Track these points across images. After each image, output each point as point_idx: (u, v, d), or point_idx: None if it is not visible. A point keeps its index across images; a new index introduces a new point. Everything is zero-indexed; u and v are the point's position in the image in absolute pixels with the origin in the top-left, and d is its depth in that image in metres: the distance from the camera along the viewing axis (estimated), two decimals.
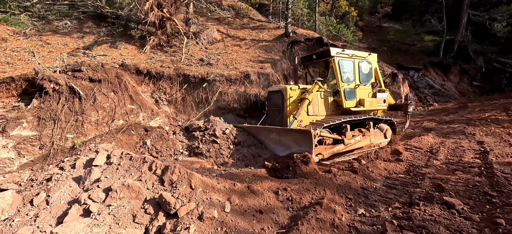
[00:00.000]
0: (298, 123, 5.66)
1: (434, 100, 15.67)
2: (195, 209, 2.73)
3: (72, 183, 3.44)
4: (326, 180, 3.97)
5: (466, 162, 5.11)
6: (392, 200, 3.60)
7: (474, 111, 11.46)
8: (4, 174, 4.61)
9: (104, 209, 2.81)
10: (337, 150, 5.45)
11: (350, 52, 6.62)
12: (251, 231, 2.58)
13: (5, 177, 4.60)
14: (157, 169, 3.42)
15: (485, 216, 2.92)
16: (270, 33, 13.74)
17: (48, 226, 2.76)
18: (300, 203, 3.34)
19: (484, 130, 7.84)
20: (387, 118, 7.00)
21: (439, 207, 3.12)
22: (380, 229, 2.70)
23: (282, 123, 5.94)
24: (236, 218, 2.72)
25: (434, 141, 7.03)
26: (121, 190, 3.02)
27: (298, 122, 5.60)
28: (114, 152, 3.96)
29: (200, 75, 8.10)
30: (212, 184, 3.23)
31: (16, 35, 8.27)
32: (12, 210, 3.11)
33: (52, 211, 2.97)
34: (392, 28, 25.30)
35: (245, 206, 2.97)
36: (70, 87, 5.30)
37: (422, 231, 2.61)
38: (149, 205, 2.87)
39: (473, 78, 16.90)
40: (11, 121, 4.61)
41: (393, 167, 5.03)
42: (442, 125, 9.48)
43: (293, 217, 2.93)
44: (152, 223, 2.63)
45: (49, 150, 4.86)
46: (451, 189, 3.74)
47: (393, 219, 2.91)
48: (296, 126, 5.51)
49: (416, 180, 4.27)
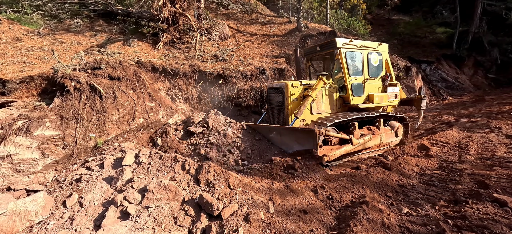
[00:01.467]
0: (301, 123, 5.22)
1: (448, 94, 15.30)
2: (239, 210, 2.60)
3: (104, 184, 3.34)
4: (362, 177, 3.81)
5: (501, 157, 4.89)
6: (435, 197, 3.43)
7: (493, 105, 11.13)
8: (29, 174, 4.55)
9: (143, 211, 2.70)
10: (344, 151, 4.98)
11: (358, 42, 6.03)
12: (300, 232, 2.45)
13: (30, 177, 4.55)
14: (190, 169, 3.30)
15: None
16: (281, 28, 13.50)
17: (86, 229, 2.67)
18: (340, 202, 3.19)
19: (508, 124, 7.56)
20: (399, 114, 6.44)
21: (492, 205, 2.94)
22: (436, 230, 2.54)
23: (283, 122, 5.48)
24: (282, 219, 2.59)
25: (460, 135, 6.80)
26: (158, 191, 2.91)
27: (300, 121, 5.17)
28: (142, 151, 3.86)
29: (215, 71, 7.95)
30: (250, 183, 3.10)
31: (29, 34, 8.21)
32: (45, 212, 3.03)
33: (87, 214, 2.87)
34: (401, 21, 24.74)
35: (288, 206, 2.83)
36: (91, 85, 5.21)
37: (483, 231, 2.44)
38: (188, 206, 2.75)
39: (488, 70, 16.44)
40: (34, 120, 4.54)
41: (424, 163, 4.84)
42: (462, 118, 9.21)
43: (339, 217, 2.79)
44: (195, 225, 2.51)
45: (72, 149, 4.79)
46: (496, 185, 3.56)
47: (446, 218, 2.75)
48: (298, 125, 5.08)
49: (453, 177, 4.09)
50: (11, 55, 6.97)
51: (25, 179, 4.51)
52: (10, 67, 6.29)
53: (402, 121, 6.56)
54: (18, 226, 2.89)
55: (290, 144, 4.77)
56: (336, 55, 5.86)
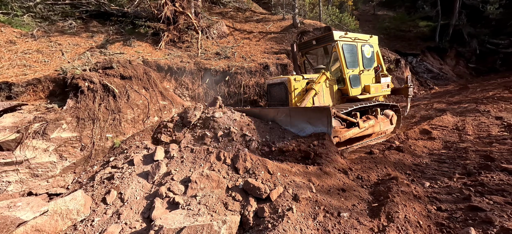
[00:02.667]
0: None
1: (434, 84, 16.21)
2: (285, 192, 2.76)
3: (140, 179, 3.37)
4: (381, 159, 4.09)
5: (496, 135, 5.38)
6: (449, 172, 3.76)
7: (477, 92, 11.97)
8: (47, 178, 4.45)
9: (191, 200, 2.79)
10: (353, 134, 5.13)
11: (352, 35, 6.27)
12: (345, 207, 2.65)
13: (49, 181, 4.46)
14: (226, 159, 3.41)
15: None
16: (276, 25, 13.71)
17: (135, 222, 2.72)
18: (369, 180, 3.43)
19: (495, 107, 8.23)
20: (393, 103, 6.81)
21: (502, 174, 3.30)
22: (462, 196, 2.84)
23: None
24: (325, 197, 2.77)
25: (454, 119, 7.32)
26: (201, 180, 3.01)
27: None
28: (172, 146, 3.91)
29: (221, 69, 8.01)
30: (286, 168, 3.27)
31: (23, 37, 7.86)
32: (86, 210, 3.02)
33: (133, 207, 2.92)
34: (386, 16, 25.81)
35: (326, 186, 3.03)
36: (104, 85, 5.13)
37: (503, 193, 2.76)
38: (235, 192, 2.87)
39: (469, 60, 17.57)
40: (50, 122, 4.43)
41: (430, 144, 5.22)
42: (452, 105, 9.86)
43: (374, 193, 3.02)
44: (247, 209, 2.64)
45: (90, 150, 4.72)
46: (500, 158, 3.95)
47: (467, 187, 3.06)
48: None
49: (460, 154, 4.47)
50: (8, 58, 6.68)
51: (44, 183, 4.41)
52: (10, 70, 6.04)
53: (395, 109, 6.85)
54: (61, 225, 2.88)
55: (301, 126, 4.67)
56: (333, 47, 5.99)
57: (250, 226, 2.50)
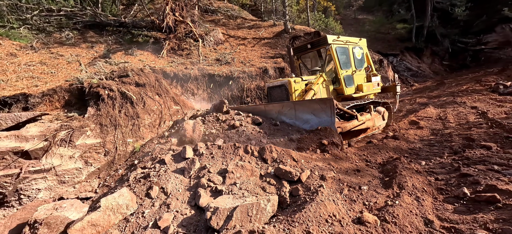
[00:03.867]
0: None
1: (414, 81, 17.59)
2: (313, 174, 3.24)
3: (177, 175, 3.71)
4: (382, 145, 4.71)
5: (473, 121, 6.23)
6: (439, 153, 4.44)
7: (452, 86, 13.25)
8: (74, 184, 4.63)
9: (232, 187, 3.19)
10: (352, 125, 5.41)
11: (344, 38, 6.74)
12: (363, 182, 3.18)
13: (76, 187, 4.64)
14: (254, 151, 3.84)
15: None
16: (268, 31, 14.35)
17: (185, 209, 3.08)
18: (376, 162, 4.01)
19: (470, 98, 9.30)
20: (385, 100, 7.33)
21: (482, 149, 4.01)
22: (453, 168, 3.47)
23: None
24: (345, 176, 3.29)
25: (436, 111, 8.23)
26: (236, 170, 3.42)
27: None
28: (199, 144, 4.27)
29: (224, 74, 8.42)
30: (307, 156, 3.76)
31: (23, 49, 7.85)
32: (134, 204, 3.32)
33: (179, 198, 3.26)
34: (366, 20, 27.50)
35: (343, 168, 3.55)
36: (122, 92, 5.38)
37: (484, 163, 3.43)
38: (269, 178, 3.31)
39: (443, 58, 19.23)
40: (76, 130, 4.62)
41: (420, 132, 5.96)
42: (432, 99, 10.92)
43: (383, 171, 3.59)
44: (282, 190, 3.09)
45: (113, 155, 4.94)
46: (479, 138, 4.70)
47: (455, 161, 3.71)
48: None
49: (446, 138, 5.20)
50: (12, 71, 6.71)
51: (71, 189, 4.58)
52: (20, 83, 6.11)
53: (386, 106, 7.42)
54: (113, 219, 3.15)
55: (306, 117, 5.00)
56: (327, 50, 6.52)
57: (288, 204, 2.94)
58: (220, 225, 2.61)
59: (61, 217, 3.26)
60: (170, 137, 5.56)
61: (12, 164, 4.18)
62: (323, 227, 2.33)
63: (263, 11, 17.07)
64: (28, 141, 4.27)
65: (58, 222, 3.24)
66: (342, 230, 2.29)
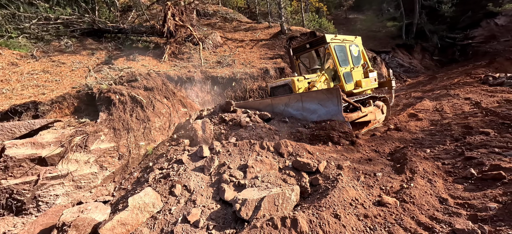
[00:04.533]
0: None
1: (407, 77, 18.15)
2: (329, 164, 3.43)
3: (197, 173, 3.83)
4: (388, 136, 4.96)
5: (469, 111, 6.58)
6: (441, 141, 4.71)
7: (444, 80, 13.78)
8: (90, 189, 4.68)
9: (254, 181, 3.35)
10: (357, 116, 5.58)
11: (341, 37, 6.95)
12: (376, 170, 3.39)
13: (92, 192, 4.68)
14: (269, 147, 4.01)
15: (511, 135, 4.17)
16: (264, 32, 14.59)
17: (211, 204, 3.21)
18: (384, 152, 4.24)
19: (462, 90, 9.74)
20: (382, 95, 7.76)
21: (482, 135, 4.29)
22: (457, 153, 3.73)
23: None
24: (359, 165, 3.50)
25: (432, 103, 8.60)
26: (256, 165, 3.57)
27: None
28: (215, 143, 4.40)
29: (227, 76, 8.57)
30: (321, 148, 3.95)
31: (23, 58, 7.80)
32: (159, 203, 3.42)
33: (203, 194, 3.38)
34: (357, 19, 28.17)
35: (356, 158, 3.76)
36: (132, 97, 5.45)
37: (485, 146, 3.70)
38: (288, 170, 3.48)
39: (432, 54, 19.92)
40: (91, 135, 4.67)
41: (420, 124, 6.25)
42: (427, 93, 11.35)
43: (393, 159, 3.82)
44: (302, 181, 3.26)
45: (127, 159, 5.01)
46: (477, 126, 5.01)
47: (460, 147, 3.98)
48: None
49: (446, 128, 5.50)
50: (16, 80, 6.69)
51: (87, 194, 4.63)
52: (26, 91, 6.10)
53: (384, 100, 7.78)
54: (141, 218, 3.25)
55: (313, 108, 5.15)
56: (326, 49, 6.76)
57: (309, 193, 3.12)
58: (249, 215, 2.76)
59: (88, 219, 3.34)
60: (181, 138, 5.67)
61: (29, 171, 4.20)
62: (349, 210, 2.51)
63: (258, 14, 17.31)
64: (44, 147, 4.30)
65: (85, 223, 3.31)
66: (366, 212, 2.48)
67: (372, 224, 2.33)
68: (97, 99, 5.29)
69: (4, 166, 4.04)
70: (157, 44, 10.01)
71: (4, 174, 4.06)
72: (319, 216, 2.40)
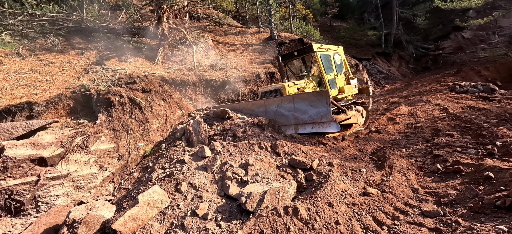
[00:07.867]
0: None
1: (386, 83, 19.46)
2: (321, 162, 3.88)
3: (200, 171, 4.11)
4: (370, 137, 5.55)
5: (438, 116, 7.43)
6: (415, 142, 5.38)
7: (418, 87, 15.05)
8: (90, 189, 4.77)
9: (256, 177, 3.71)
10: (342, 118, 5.97)
11: (326, 46, 7.43)
12: (361, 166, 3.90)
13: (91, 192, 4.78)
14: (267, 147, 4.39)
15: (472, 135, 4.90)
16: (254, 37, 15.04)
17: (217, 199, 3.52)
18: (367, 151, 4.80)
19: (433, 97, 10.81)
20: (363, 100, 8.48)
21: (447, 137, 5.00)
22: (427, 152, 4.36)
23: None
24: (347, 162, 3.99)
25: (408, 108, 9.49)
26: (256, 163, 3.94)
27: None
28: (216, 144, 4.70)
29: (220, 79, 8.85)
30: (313, 148, 4.41)
31: (8, 56, 7.55)
32: (167, 199, 3.65)
33: (208, 191, 3.68)
34: (341, 27, 29.58)
35: (344, 157, 4.26)
36: (131, 98, 5.58)
37: (450, 146, 4.36)
38: (285, 168, 3.88)
39: (408, 62, 21.52)
40: (91, 135, 4.77)
41: (397, 127, 6.97)
42: (403, 98, 12.39)
43: (375, 158, 4.36)
44: (298, 177, 3.68)
45: (127, 159, 5.15)
46: (444, 129, 5.76)
47: (430, 147, 4.62)
48: None
49: (419, 130, 6.23)
50: (3, 79, 6.54)
51: (87, 194, 4.72)
52: (16, 91, 6.01)
53: (363, 105, 8.44)
54: (150, 213, 3.47)
55: (304, 108, 5.45)
56: (313, 57, 7.29)
57: (304, 187, 3.54)
58: (254, 207, 3.12)
59: (97, 216, 3.50)
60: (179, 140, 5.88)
61: (28, 171, 4.23)
62: (340, 199, 2.96)
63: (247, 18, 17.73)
64: (44, 148, 4.35)
65: (95, 220, 3.48)
66: (354, 201, 2.94)
67: (359, 210, 2.79)
68: (95, 100, 5.36)
69: (4, 167, 4.05)
70: (149, 45, 10.05)
71: (3, 174, 4.07)
72: (316, 205, 2.81)
